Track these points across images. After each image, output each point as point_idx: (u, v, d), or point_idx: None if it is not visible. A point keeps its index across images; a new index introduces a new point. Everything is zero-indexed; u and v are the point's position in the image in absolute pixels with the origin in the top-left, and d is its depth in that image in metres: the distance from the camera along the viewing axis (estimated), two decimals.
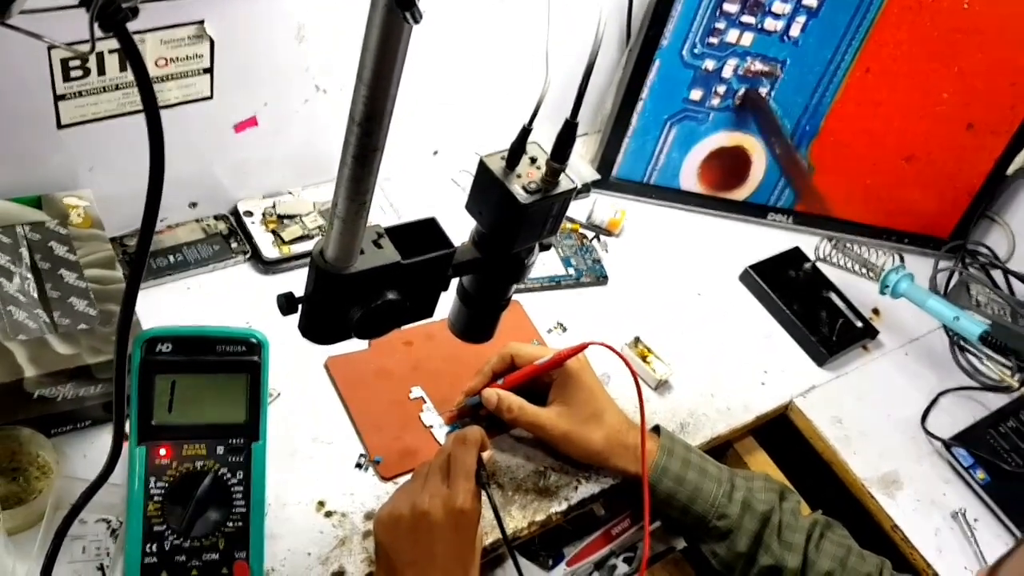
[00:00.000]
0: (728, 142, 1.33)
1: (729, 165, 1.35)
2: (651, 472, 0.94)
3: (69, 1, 0.38)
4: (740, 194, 1.38)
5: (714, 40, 1.24)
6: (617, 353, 0.93)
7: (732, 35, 1.23)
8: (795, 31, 1.23)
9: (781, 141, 1.32)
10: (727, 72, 1.26)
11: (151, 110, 0.45)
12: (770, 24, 1.23)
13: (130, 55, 0.43)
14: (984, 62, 1.26)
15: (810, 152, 1.34)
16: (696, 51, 1.24)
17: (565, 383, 0.97)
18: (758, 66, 1.26)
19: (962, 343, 1.30)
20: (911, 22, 1.22)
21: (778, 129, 1.31)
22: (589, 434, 0.96)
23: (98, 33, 0.42)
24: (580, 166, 1.32)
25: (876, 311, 1.32)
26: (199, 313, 1.02)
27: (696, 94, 1.28)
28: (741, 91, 1.28)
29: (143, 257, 0.51)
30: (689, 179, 1.36)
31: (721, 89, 1.28)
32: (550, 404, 0.98)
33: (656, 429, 1.00)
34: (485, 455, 0.87)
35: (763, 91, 1.28)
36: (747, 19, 1.22)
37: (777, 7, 1.21)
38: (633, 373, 0.93)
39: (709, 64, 1.25)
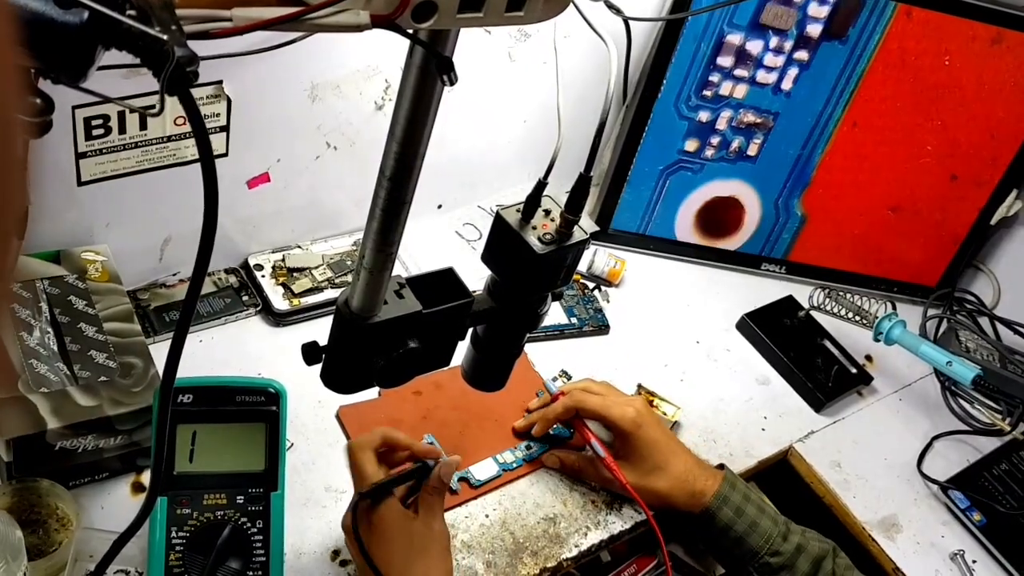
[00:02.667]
0: (722, 192, 1.37)
1: (723, 215, 1.39)
2: (712, 501, 0.98)
3: (115, 59, 0.40)
4: (734, 243, 1.42)
5: (708, 93, 1.28)
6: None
7: (726, 87, 1.28)
8: (787, 84, 1.28)
9: None
10: (721, 124, 1.31)
11: (208, 166, 0.47)
12: (763, 77, 1.28)
13: (191, 114, 0.46)
14: (965, 116, 1.32)
15: (803, 201, 1.38)
16: (691, 103, 1.29)
17: (625, 439, 1.00)
18: (751, 118, 1.31)
19: (953, 388, 1.33)
20: (895, 78, 1.28)
21: None
22: (653, 484, 0.99)
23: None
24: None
25: (869, 358, 1.36)
26: (212, 365, 1.04)
27: (691, 145, 1.32)
28: (735, 142, 1.32)
29: (191, 307, 0.53)
30: (684, 229, 1.40)
31: (716, 140, 1.32)
32: (616, 455, 1.02)
33: (720, 467, 1.04)
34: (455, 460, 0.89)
35: (756, 142, 1.33)
36: (740, 72, 1.27)
37: (769, 60, 1.26)
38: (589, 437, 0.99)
39: (703, 116, 1.30)
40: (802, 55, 1.26)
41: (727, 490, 0.98)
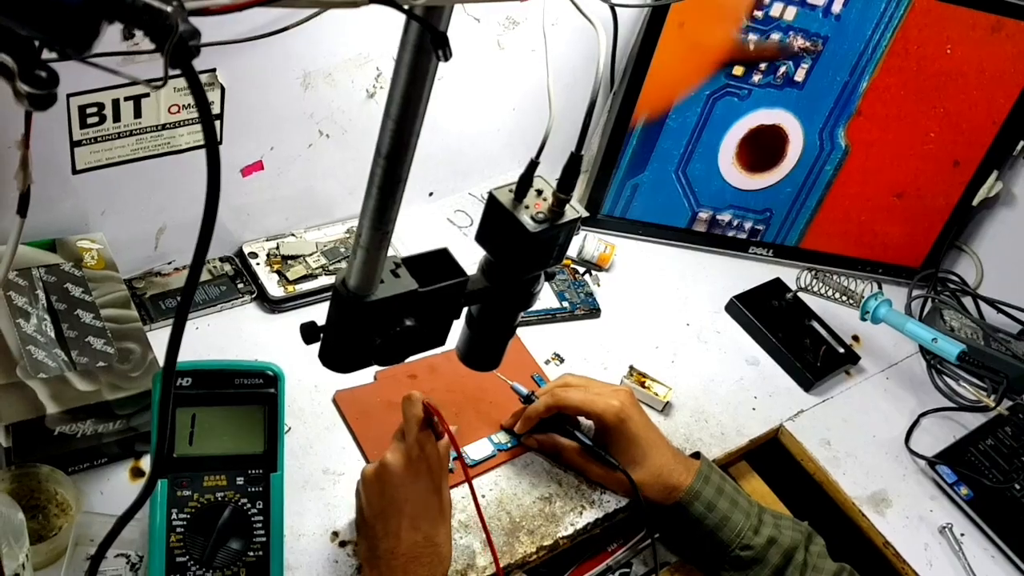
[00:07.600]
0: (767, 121, 1.34)
1: (767, 145, 1.36)
2: (684, 495, 0.99)
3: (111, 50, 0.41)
4: (777, 174, 1.39)
5: (759, 14, 1.25)
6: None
7: (776, 9, 1.25)
8: (837, 6, 1.25)
9: None
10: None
11: (211, 144, 0.48)
12: None
13: (193, 87, 0.47)
14: (967, 102, 1.34)
15: (847, 132, 1.36)
16: (742, 26, 1.24)
17: (607, 432, 1.02)
18: (800, 42, 1.27)
19: (939, 366, 1.35)
20: (899, 67, 1.30)
21: None
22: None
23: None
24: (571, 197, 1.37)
25: (856, 338, 1.37)
26: (208, 352, 1.05)
27: (738, 70, 1.29)
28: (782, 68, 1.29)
29: (191, 291, 0.54)
30: (727, 158, 1.36)
31: (763, 65, 1.29)
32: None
33: (696, 455, 1.05)
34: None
35: (804, 67, 1.30)
36: None
37: None
38: None
39: (753, 39, 1.27)
40: None
41: (699, 485, 1.00)
